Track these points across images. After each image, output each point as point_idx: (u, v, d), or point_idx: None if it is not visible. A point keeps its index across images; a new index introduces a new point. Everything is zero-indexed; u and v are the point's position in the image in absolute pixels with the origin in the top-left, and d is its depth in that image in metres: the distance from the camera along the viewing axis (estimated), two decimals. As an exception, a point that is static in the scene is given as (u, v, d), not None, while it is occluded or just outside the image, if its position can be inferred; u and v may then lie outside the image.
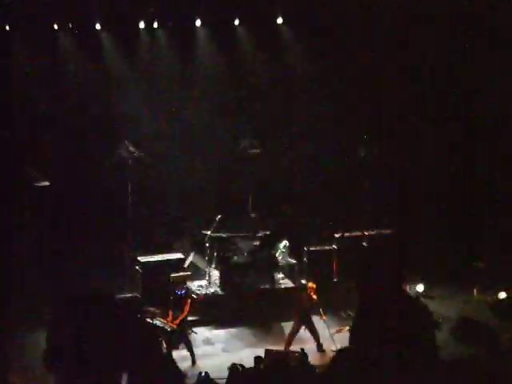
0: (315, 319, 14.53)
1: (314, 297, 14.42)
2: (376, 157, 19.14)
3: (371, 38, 18.46)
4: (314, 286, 14.57)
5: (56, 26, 17.67)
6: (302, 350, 12.35)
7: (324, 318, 14.44)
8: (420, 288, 16.35)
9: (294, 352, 13.09)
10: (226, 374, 10.78)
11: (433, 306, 15.76)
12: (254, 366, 11.66)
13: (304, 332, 14.50)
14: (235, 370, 11.21)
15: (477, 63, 18.45)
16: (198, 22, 18.49)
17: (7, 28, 16.98)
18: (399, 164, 19.27)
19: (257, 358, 11.84)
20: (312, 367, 11.17)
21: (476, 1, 18.00)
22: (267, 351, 12.77)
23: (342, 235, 18.25)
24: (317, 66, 18.96)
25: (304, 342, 14.16)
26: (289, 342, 14.24)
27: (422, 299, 15.68)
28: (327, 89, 18.89)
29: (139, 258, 16.72)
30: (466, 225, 18.42)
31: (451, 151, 19.18)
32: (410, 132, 19.27)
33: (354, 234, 18.37)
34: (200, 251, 17.30)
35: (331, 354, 13.62)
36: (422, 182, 19.16)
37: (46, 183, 17.38)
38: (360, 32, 18.41)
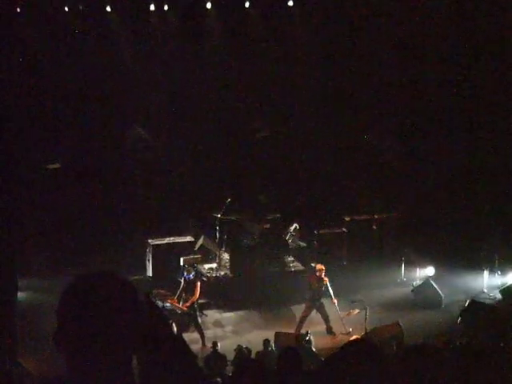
0: (325, 302, 14.51)
1: (325, 278, 14.33)
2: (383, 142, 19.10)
3: (380, 22, 18.37)
4: (323, 267, 14.48)
5: (67, 9, 17.67)
6: (307, 332, 12.43)
7: (334, 300, 14.39)
8: (430, 271, 16.30)
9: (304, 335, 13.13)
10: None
11: (443, 289, 15.78)
12: (263, 349, 11.75)
13: (315, 314, 14.48)
14: (241, 351, 11.31)
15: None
16: (209, 5, 18.42)
17: (18, 10, 16.97)
18: (405, 148, 19.22)
19: (265, 341, 11.91)
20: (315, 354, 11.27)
21: None
22: (277, 334, 12.80)
23: (352, 218, 18.23)
24: (327, 48, 18.87)
25: (314, 324, 14.17)
26: (300, 325, 14.22)
27: (433, 282, 15.74)
28: (337, 71, 18.81)
29: (150, 241, 16.75)
30: (476, 207, 18.32)
31: (459, 133, 19.05)
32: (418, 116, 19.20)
33: (364, 217, 18.35)
34: (210, 234, 17.32)
35: (341, 337, 13.65)
36: (430, 165, 19.06)
37: (57, 165, 17.46)
38: (370, 15, 18.30)
